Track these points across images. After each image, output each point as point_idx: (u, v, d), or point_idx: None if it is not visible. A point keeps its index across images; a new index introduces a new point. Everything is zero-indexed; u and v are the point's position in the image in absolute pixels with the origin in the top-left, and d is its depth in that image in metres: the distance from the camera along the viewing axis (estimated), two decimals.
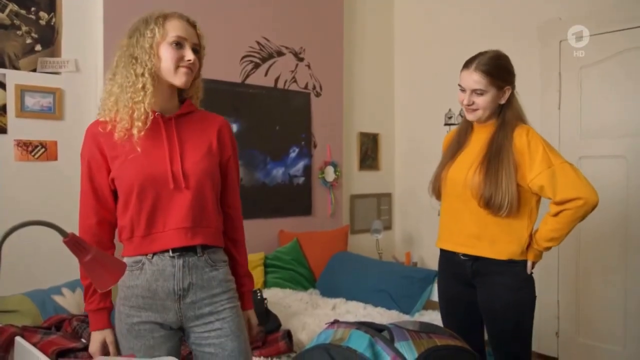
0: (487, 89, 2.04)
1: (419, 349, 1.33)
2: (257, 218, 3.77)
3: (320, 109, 4.14)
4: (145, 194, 1.59)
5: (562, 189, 1.95)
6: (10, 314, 2.57)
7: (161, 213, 1.61)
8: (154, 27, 1.63)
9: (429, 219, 4.56)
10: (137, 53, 1.62)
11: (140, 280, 1.61)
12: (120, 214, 1.66)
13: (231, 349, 1.62)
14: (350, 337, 1.38)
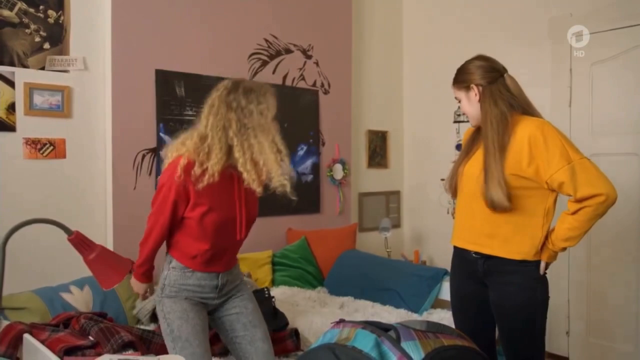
0: (459, 96, 2.13)
1: (425, 349, 1.30)
2: (264, 216, 3.72)
3: (329, 107, 4.12)
4: (218, 237, 2.09)
5: (583, 185, 1.88)
6: (19, 311, 2.58)
7: (222, 255, 2.15)
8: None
9: (437, 217, 4.53)
10: (231, 123, 2.00)
11: (192, 280, 2.09)
12: (192, 240, 2.06)
13: (251, 307, 2.21)
14: (356, 337, 1.36)
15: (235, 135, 1.98)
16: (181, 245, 2.08)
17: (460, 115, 4.38)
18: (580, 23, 3.63)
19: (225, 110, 2.01)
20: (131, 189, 3.16)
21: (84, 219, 3.06)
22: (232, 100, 2.03)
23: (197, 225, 2.02)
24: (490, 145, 1.97)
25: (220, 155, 1.97)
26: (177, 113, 3.35)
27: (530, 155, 1.93)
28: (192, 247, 2.06)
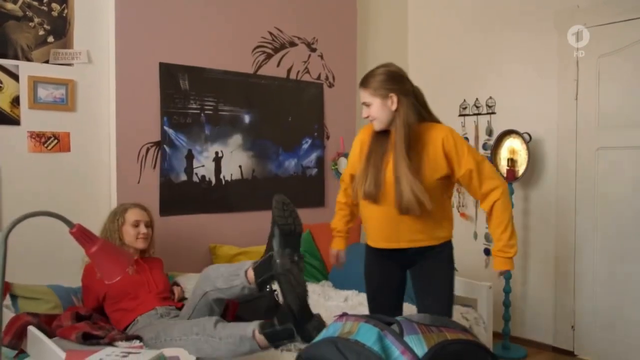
0: (371, 101, 2.24)
1: (429, 343, 1.29)
2: (269, 209, 3.72)
3: (333, 100, 4.10)
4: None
5: (487, 179, 2.23)
6: (33, 300, 2.59)
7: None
8: None
9: None
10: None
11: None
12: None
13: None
14: (359, 331, 1.35)
15: None
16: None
17: (466, 109, 4.36)
18: (587, 15, 3.59)
19: None
20: (135, 183, 3.16)
21: (89, 213, 3.06)
22: None
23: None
24: (403, 154, 2.15)
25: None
26: (182, 106, 3.34)
27: (446, 157, 2.19)
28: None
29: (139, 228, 2.72)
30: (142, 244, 2.73)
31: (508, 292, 3.88)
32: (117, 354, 1.39)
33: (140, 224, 2.73)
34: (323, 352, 1.36)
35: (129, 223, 2.71)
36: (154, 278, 2.71)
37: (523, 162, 3.82)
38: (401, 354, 1.29)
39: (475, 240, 4.31)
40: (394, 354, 1.31)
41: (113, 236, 2.68)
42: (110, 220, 2.74)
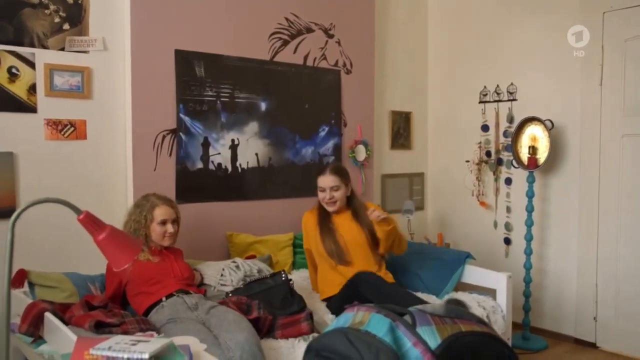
0: (340, 185, 3.07)
1: (442, 335, 1.25)
2: (286, 198, 3.74)
3: (351, 87, 4.05)
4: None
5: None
6: (50, 289, 2.61)
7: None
8: None
9: (462, 199, 4.45)
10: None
11: None
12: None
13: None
14: (370, 321, 1.32)
15: None
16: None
17: (487, 95, 4.28)
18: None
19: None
20: (151, 170, 3.16)
21: (105, 200, 3.07)
22: None
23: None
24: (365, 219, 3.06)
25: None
26: (197, 94, 3.32)
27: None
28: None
29: (166, 227, 2.70)
30: (168, 242, 2.73)
31: (528, 282, 3.82)
32: (127, 342, 1.38)
33: (168, 222, 2.71)
34: (333, 343, 1.33)
35: (156, 221, 2.68)
36: (179, 266, 2.72)
37: (544, 150, 3.73)
38: (413, 345, 1.26)
39: (496, 229, 4.25)
40: (405, 345, 1.27)
41: (139, 232, 2.67)
42: (137, 214, 2.71)
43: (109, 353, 1.32)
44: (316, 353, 1.42)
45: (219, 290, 2.79)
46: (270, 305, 2.57)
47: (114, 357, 1.31)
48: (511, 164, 4.07)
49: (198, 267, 2.96)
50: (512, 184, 4.14)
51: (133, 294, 2.60)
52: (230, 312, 2.36)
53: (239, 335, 2.15)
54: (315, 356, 1.42)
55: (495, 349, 1.26)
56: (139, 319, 2.34)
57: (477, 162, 4.29)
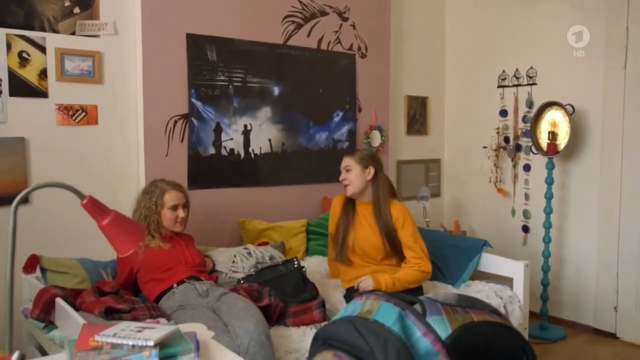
0: (352, 166, 2.80)
1: (453, 325, 1.21)
2: (299, 184, 3.71)
3: (366, 71, 3.99)
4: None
5: (418, 252, 2.79)
6: (61, 274, 2.62)
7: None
8: None
9: (479, 186, 4.39)
10: None
11: None
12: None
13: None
14: (379, 310, 1.29)
15: None
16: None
17: (505, 79, 4.20)
18: None
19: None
20: (163, 155, 3.15)
21: (116, 186, 3.08)
22: None
23: None
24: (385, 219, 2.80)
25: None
26: (209, 78, 3.30)
27: (400, 224, 2.80)
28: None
29: (177, 212, 2.69)
30: (179, 227, 2.71)
31: (547, 271, 3.76)
32: (132, 329, 1.36)
33: (179, 207, 2.69)
34: (341, 332, 1.30)
35: (167, 207, 2.66)
36: (190, 252, 2.71)
37: (565, 136, 3.65)
38: (423, 335, 1.22)
39: (513, 217, 4.19)
40: (415, 335, 1.23)
41: (150, 219, 2.65)
42: (147, 200, 2.68)
43: (114, 340, 1.30)
44: (323, 342, 1.39)
45: (231, 277, 2.78)
46: (282, 292, 2.55)
47: (119, 344, 1.30)
48: (530, 150, 4.00)
49: (210, 253, 2.95)
50: (530, 170, 4.07)
51: (144, 280, 2.60)
52: (241, 300, 2.35)
53: (247, 323, 2.14)
54: (322, 345, 1.39)
55: (509, 340, 1.22)
56: (149, 306, 2.34)
57: (494, 148, 4.23)
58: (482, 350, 1.21)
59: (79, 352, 1.26)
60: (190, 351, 1.35)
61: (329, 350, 1.30)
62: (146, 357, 1.26)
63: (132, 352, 1.28)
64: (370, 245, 2.79)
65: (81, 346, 1.29)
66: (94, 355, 1.25)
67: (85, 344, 1.30)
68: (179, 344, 1.37)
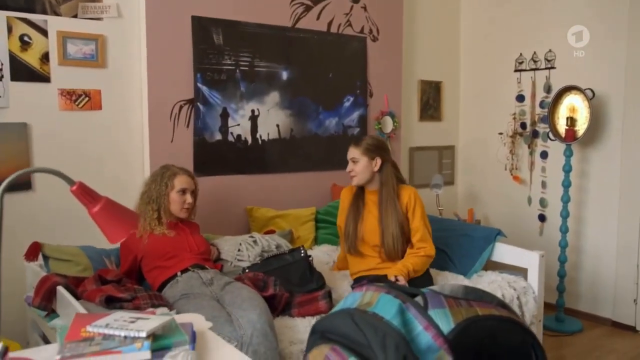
0: (359, 158, 2.74)
1: (456, 318, 1.16)
2: (308, 171, 3.67)
3: (377, 55, 3.92)
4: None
5: (424, 238, 2.77)
6: (64, 262, 2.62)
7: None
8: None
9: (495, 173, 4.33)
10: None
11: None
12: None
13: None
14: (378, 302, 1.24)
15: None
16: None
17: (522, 63, 4.11)
18: None
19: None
20: (168, 142, 3.12)
21: (121, 172, 3.06)
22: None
23: None
24: (387, 203, 2.74)
25: None
26: (215, 62, 3.25)
27: (411, 208, 2.77)
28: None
29: (185, 196, 2.67)
30: (185, 213, 2.69)
31: (563, 262, 3.69)
32: (126, 319, 1.34)
33: (187, 192, 2.68)
34: (339, 324, 1.26)
35: (176, 190, 2.64)
36: (195, 240, 2.69)
37: (584, 121, 3.57)
38: (424, 329, 1.17)
39: (530, 205, 4.12)
40: (416, 329, 1.19)
41: (159, 200, 2.63)
42: (157, 182, 2.66)
43: (106, 330, 1.28)
44: (321, 335, 1.35)
45: (236, 265, 2.76)
46: (287, 282, 2.52)
47: (111, 335, 1.27)
48: (547, 137, 3.92)
49: (215, 242, 2.93)
50: (548, 157, 3.99)
51: (148, 269, 2.58)
52: (245, 289, 2.32)
53: (251, 313, 2.11)
54: (320, 338, 1.35)
55: (516, 336, 1.17)
56: (152, 294, 2.33)
57: (511, 134, 4.16)
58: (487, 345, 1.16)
59: (69, 344, 1.24)
60: (185, 343, 1.32)
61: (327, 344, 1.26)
62: (138, 348, 1.23)
63: (124, 343, 1.25)
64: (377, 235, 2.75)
65: (72, 337, 1.26)
66: (85, 347, 1.23)
67: (76, 335, 1.27)
68: (173, 335, 1.34)
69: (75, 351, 1.21)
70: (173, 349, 1.30)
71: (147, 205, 2.64)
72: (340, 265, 3.03)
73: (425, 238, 2.74)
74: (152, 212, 2.63)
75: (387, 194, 2.74)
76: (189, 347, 1.31)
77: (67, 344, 1.24)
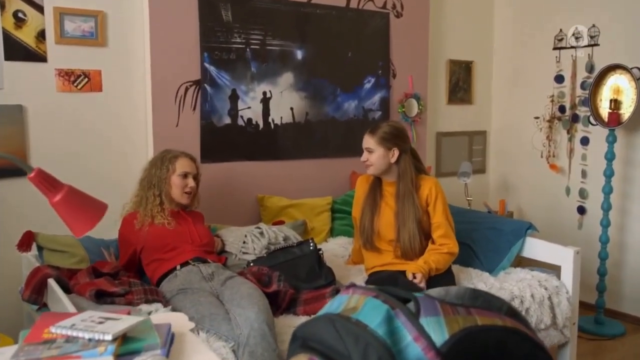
0: (375, 148, 2.65)
1: (451, 329, 1.04)
2: (324, 157, 3.59)
3: (402, 33, 3.80)
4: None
5: (448, 234, 2.66)
6: (59, 253, 2.59)
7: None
8: None
9: (530, 161, 4.19)
10: None
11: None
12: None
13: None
14: (364, 308, 1.12)
15: None
16: None
17: (562, 40, 3.93)
18: None
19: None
20: (173, 126, 3.07)
21: (123, 158, 3.02)
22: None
23: None
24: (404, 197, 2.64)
25: None
26: (224, 41, 3.18)
27: (432, 201, 2.67)
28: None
29: (187, 180, 2.62)
30: (186, 199, 2.64)
31: (604, 259, 3.54)
32: (94, 319, 1.27)
33: (189, 176, 2.63)
34: (319, 331, 1.15)
35: (177, 173, 2.60)
36: (197, 231, 2.63)
37: (630, 104, 3.39)
38: (414, 340, 1.05)
39: (568, 196, 3.97)
40: (404, 339, 1.07)
41: (160, 184, 2.59)
42: (157, 166, 2.62)
43: (70, 332, 1.21)
44: (302, 342, 1.24)
45: (241, 258, 2.69)
46: (294, 277, 2.46)
47: (75, 337, 1.21)
48: (588, 121, 3.76)
49: (220, 232, 2.87)
50: (589, 144, 3.83)
51: (147, 261, 2.54)
52: (245, 285, 2.25)
53: (249, 311, 2.04)
54: (300, 346, 1.24)
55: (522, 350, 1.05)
56: (147, 289, 2.28)
57: (548, 118, 4.02)
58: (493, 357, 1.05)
59: (27, 346, 1.17)
60: (157, 347, 1.24)
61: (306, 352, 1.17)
62: (100, 353, 1.16)
63: (87, 347, 1.18)
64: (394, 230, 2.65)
65: (32, 339, 1.20)
66: (43, 350, 1.16)
67: (37, 336, 1.21)
68: (145, 338, 1.27)
69: (31, 355, 1.14)
70: (142, 354, 1.23)
71: (147, 191, 2.59)
72: (356, 258, 2.94)
73: (448, 234, 2.64)
74: (154, 197, 2.58)
75: (404, 187, 2.65)
76: (160, 352, 1.23)
77: (25, 347, 1.18)
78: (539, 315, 2.63)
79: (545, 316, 2.65)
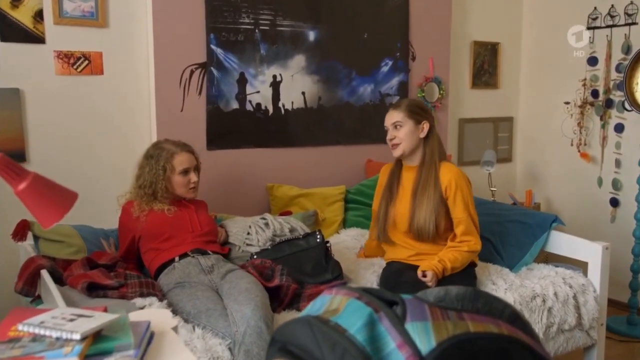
0: (404, 122, 2.52)
1: (439, 335, 0.95)
2: (338, 145, 3.52)
3: (422, 12, 3.70)
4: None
5: (469, 230, 2.53)
6: (55, 243, 2.57)
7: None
8: None
9: (559, 149, 4.08)
10: None
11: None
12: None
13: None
14: (345, 310, 1.04)
15: None
16: None
17: (597, 19, 3.78)
18: None
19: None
20: (177, 111, 3.03)
21: (125, 145, 2.99)
22: None
23: None
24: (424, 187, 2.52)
25: None
26: (231, 21, 3.12)
27: (452, 194, 2.52)
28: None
29: (189, 176, 2.54)
30: (192, 194, 2.58)
31: (638, 255, 3.41)
32: (65, 317, 1.23)
33: (191, 171, 2.55)
34: (297, 334, 1.08)
35: (178, 172, 2.51)
36: (199, 219, 2.58)
37: None
38: (397, 348, 0.97)
39: (600, 187, 3.86)
40: (387, 347, 0.98)
41: (158, 186, 2.50)
42: (152, 165, 2.51)
43: (38, 330, 1.17)
44: (280, 346, 1.17)
45: (244, 250, 2.64)
46: (299, 271, 2.41)
47: (42, 335, 1.17)
48: (623, 107, 3.61)
49: (224, 222, 2.83)
50: (623, 131, 3.71)
51: (144, 250, 2.51)
52: (245, 279, 2.20)
53: (245, 308, 1.99)
54: (278, 350, 1.17)
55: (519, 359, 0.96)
56: (143, 282, 2.25)
57: (579, 104, 3.90)
58: None
59: None
60: (130, 347, 1.19)
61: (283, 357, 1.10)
62: (65, 354, 1.11)
63: (52, 346, 1.14)
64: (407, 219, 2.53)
65: None
66: (5, 349, 1.12)
67: (2, 334, 1.17)
68: (119, 338, 1.22)
69: None
70: (114, 354, 1.18)
71: (139, 190, 2.53)
72: (367, 252, 2.87)
73: (470, 231, 2.51)
74: (147, 196, 2.51)
75: (427, 172, 2.52)
76: (132, 353, 1.18)
77: None
78: (562, 315, 2.54)
79: (569, 316, 2.56)
